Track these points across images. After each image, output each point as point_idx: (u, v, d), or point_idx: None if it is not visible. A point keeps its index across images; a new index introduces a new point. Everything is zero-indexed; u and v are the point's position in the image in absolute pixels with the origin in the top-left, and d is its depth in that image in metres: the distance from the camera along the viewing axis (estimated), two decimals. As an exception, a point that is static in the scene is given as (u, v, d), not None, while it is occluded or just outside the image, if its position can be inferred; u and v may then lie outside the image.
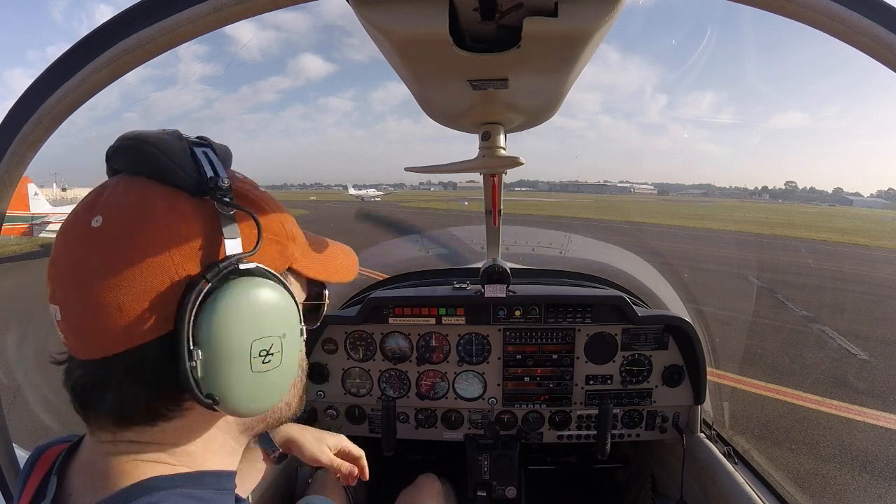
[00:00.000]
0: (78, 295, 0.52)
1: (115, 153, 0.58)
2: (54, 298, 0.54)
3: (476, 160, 1.02)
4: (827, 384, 5.77)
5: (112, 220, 0.53)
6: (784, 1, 0.50)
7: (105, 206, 0.54)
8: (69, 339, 0.55)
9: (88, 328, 0.53)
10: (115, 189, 0.55)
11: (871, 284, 13.30)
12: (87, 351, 0.54)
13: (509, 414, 2.08)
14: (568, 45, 0.59)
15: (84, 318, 0.53)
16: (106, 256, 0.52)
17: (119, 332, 0.52)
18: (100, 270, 0.52)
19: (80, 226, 0.54)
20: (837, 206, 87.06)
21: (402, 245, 4.16)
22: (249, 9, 0.54)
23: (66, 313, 0.53)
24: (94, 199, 0.55)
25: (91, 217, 0.53)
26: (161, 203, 0.54)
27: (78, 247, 0.53)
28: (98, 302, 0.51)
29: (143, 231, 0.52)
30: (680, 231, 26.43)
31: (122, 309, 0.51)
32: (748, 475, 1.79)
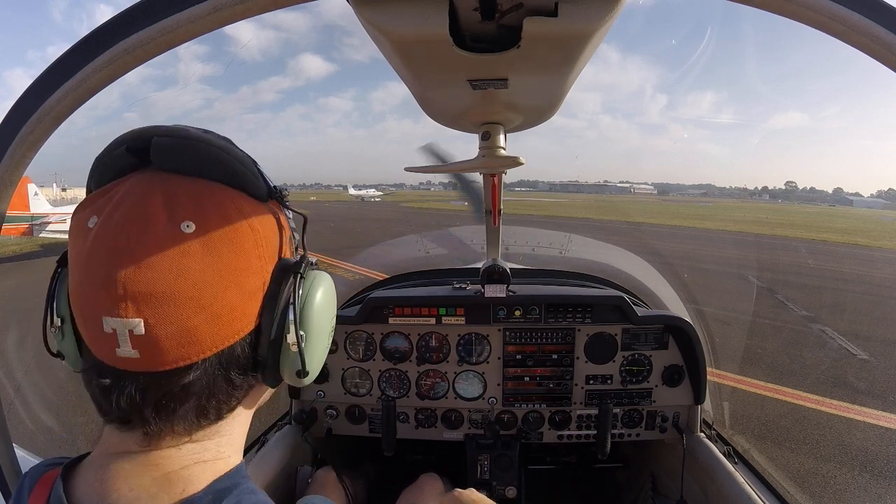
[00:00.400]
0: (178, 303, 0.51)
1: (172, 152, 0.55)
2: (135, 312, 0.50)
3: (476, 160, 1.02)
4: (827, 384, 5.77)
5: (206, 226, 0.53)
6: (784, 1, 0.50)
7: (190, 211, 0.53)
8: (145, 354, 0.51)
9: (182, 336, 0.51)
10: (193, 191, 0.54)
11: (871, 284, 13.31)
12: (170, 360, 0.52)
13: (509, 414, 2.08)
14: (568, 45, 0.59)
15: (180, 326, 0.51)
16: (209, 262, 0.52)
17: (218, 334, 0.53)
18: (205, 276, 0.52)
19: (164, 231, 0.51)
20: (837, 207, 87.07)
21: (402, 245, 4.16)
22: (249, 9, 0.54)
23: (155, 326, 0.50)
24: (167, 200, 0.53)
25: (178, 222, 0.52)
26: (244, 208, 0.57)
27: (170, 252, 0.51)
28: (204, 307, 0.52)
29: (237, 235, 0.55)
30: (680, 231, 26.43)
31: (230, 311, 0.54)
32: (748, 475, 1.79)
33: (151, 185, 0.54)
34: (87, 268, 0.52)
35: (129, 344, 0.51)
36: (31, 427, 4.25)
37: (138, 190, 0.54)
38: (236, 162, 0.57)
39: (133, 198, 0.53)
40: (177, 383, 0.53)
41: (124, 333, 0.50)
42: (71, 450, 0.75)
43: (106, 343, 0.51)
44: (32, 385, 5.08)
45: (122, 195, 0.53)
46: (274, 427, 2.12)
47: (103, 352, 0.53)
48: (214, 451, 0.60)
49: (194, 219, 0.52)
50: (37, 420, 4.42)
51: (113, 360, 0.52)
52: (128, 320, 0.50)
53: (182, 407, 0.55)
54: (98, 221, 0.52)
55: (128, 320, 0.50)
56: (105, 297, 0.50)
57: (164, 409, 0.55)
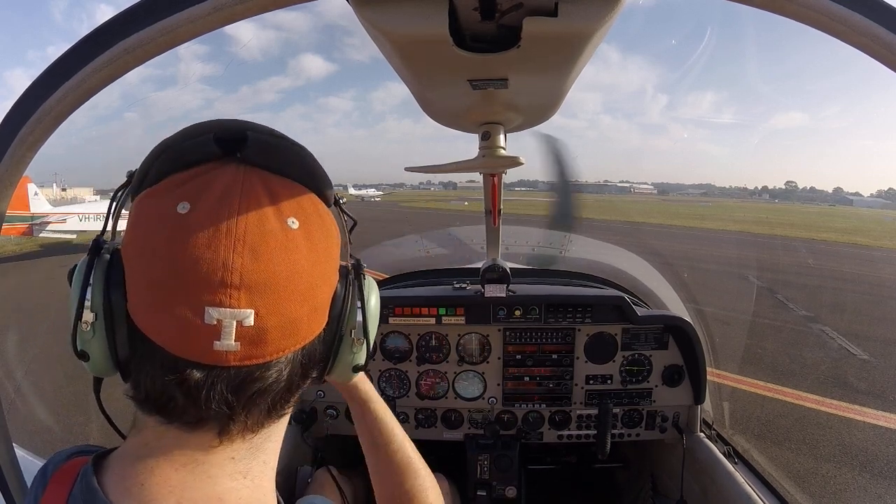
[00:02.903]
0: (288, 295, 0.51)
1: (266, 149, 0.55)
2: (248, 302, 0.49)
3: (476, 160, 1.02)
4: (827, 384, 5.77)
5: (307, 224, 0.55)
6: (784, 1, 0.50)
7: (293, 209, 0.54)
8: (247, 345, 0.49)
9: (287, 327, 0.52)
10: (289, 191, 0.56)
11: (871, 284, 13.30)
12: (270, 352, 0.51)
13: (509, 414, 2.08)
14: (568, 45, 0.59)
15: (287, 318, 0.51)
16: (313, 257, 0.54)
17: (311, 327, 0.55)
18: (310, 270, 0.53)
19: (276, 225, 0.51)
20: (837, 206, 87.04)
21: (402, 245, 4.16)
22: (249, 9, 0.54)
23: (266, 316, 0.50)
24: (271, 196, 0.53)
25: (283, 218, 0.52)
26: (326, 210, 0.60)
27: (284, 247, 0.51)
28: (308, 299, 0.53)
29: (329, 235, 0.58)
30: (680, 231, 26.42)
31: (323, 305, 0.57)
32: (748, 475, 1.79)
33: (252, 179, 0.53)
34: (185, 255, 0.48)
35: (233, 336, 0.48)
36: (31, 427, 4.25)
37: (241, 182, 0.52)
38: (315, 164, 0.60)
39: (238, 189, 0.51)
40: (268, 377, 0.53)
41: (231, 325, 0.48)
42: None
43: (204, 335, 0.48)
44: (32, 385, 5.08)
45: (224, 185, 0.52)
46: None
47: (194, 345, 0.49)
48: (261, 459, 0.59)
49: (297, 216, 0.54)
50: (37, 420, 4.42)
51: (204, 355, 0.49)
52: (239, 311, 0.48)
53: (261, 403, 0.54)
54: (193, 209, 0.50)
55: (239, 311, 0.48)
56: (214, 286, 0.48)
57: (254, 406, 0.54)
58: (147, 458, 0.54)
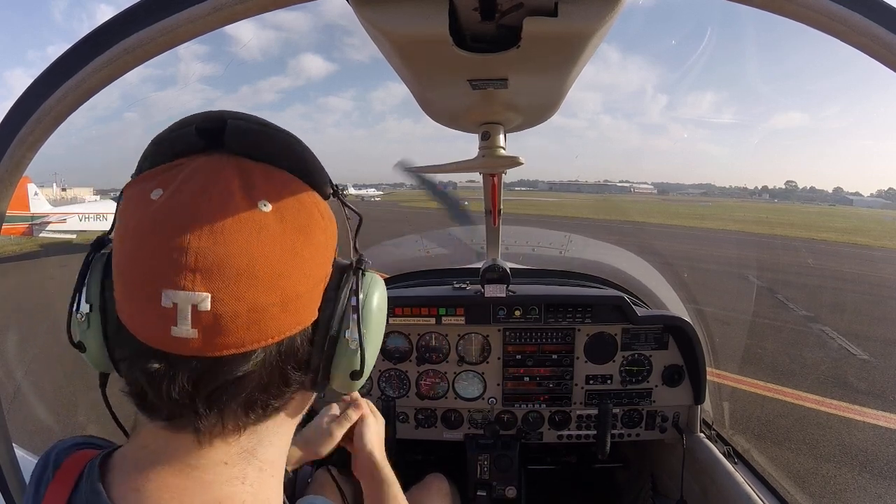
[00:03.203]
0: (250, 280, 0.47)
1: (247, 136, 0.54)
2: (204, 286, 0.46)
3: (476, 160, 1.02)
4: (827, 384, 5.77)
5: (282, 208, 0.51)
6: (784, 1, 0.50)
7: (267, 192, 0.51)
8: (204, 334, 0.47)
9: (249, 317, 0.48)
10: (267, 175, 0.53)
11: (871, 284, 13.30)
12: (231, 344, 0.48)
13: (509, 414, 2.08)
14: (568, 45, 0.59)
15: (248, 306, 0.48)
16: (285, 244, 0.50)
17: (284, 321, 0.51)
18: (280, 257, 0.49)
19: (242, 206, 0.49)
20: (837, 206, 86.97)
21: (402, 245, 4.16)
22: (249, 9, 0.54)
23: (223, 302, 0.47)
24: (243, 179, 0.51)
25: (255, 200, 0.50)
26: (315, 198, 0.56)
27: (248, 228, 0.48)
28: (275, 288, 0.49)
29: (312, 223, 0.54)
30: (680, 231, 26.42)
31: (297, 298, 0.51)
32: (748, 475, 1.79)
33: (225, 164, 0.52)
34: (149, 238, 0.48)
35: (189, 322, 0.46)
36: (31, 427, 4.25)
37: (212, 167, 0.52)
38: (307, 154, 0.58)
39: (207, 173, 0.51)
40: (232, 373, 0.49)
41: (186, 309, 0.46)
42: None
43: (161, 320, 0.46)
44: (32, 385, 5.08)
45: (193, 170, 0.51)
46: None
47: (154, 331, 0.48)
48: (257, 465, 0.58)
49: (270, 199, 0.51)
50: (37, 420, 4.42)
51: (164, 342, 0.47)
52: (193, 294, 0.46)
53: (234, 401, 0.52)
54: (165, 193, 0.49)
55: (193, 294, 0.46)
56: (169, 268, 0.46)
57: (217, 403, 0.51)
58: (144, 462, 0.54)
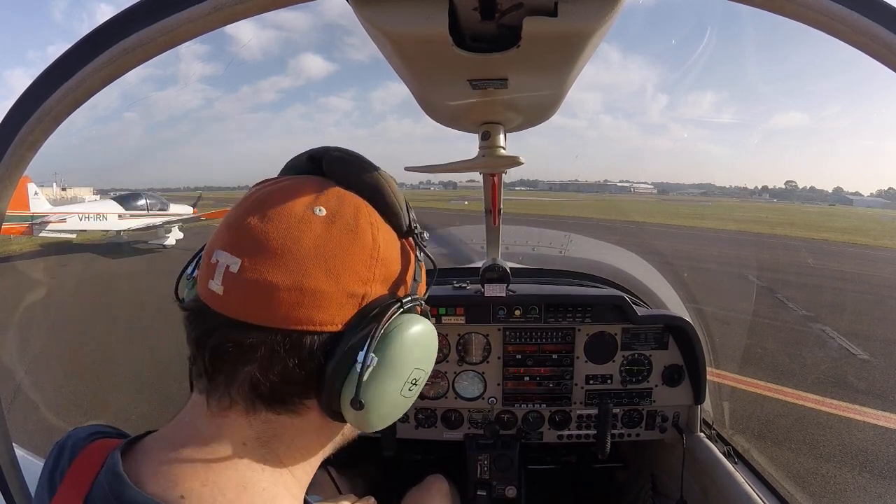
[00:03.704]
0: (276, 260, 0.54)
1: (339, 163, 0.64)
2: (239, 251, 0.55)
3: (476, 160, 1.02)
4: (827, 384, 5.77)
5: (335, 216, 0.57)
6: (784, 1, 0.50)
7: (328, 203, 0.58)
8: (227, 294, 0.54)
9: (263, 291, 0.53)
10: (341, 194, 0.60)
11: (871, 284, 13.29)
12: (241, 311, 0.54)
13: (509, 414, 2.08)
14: (568, 45, 0.59)
15: (267, 282, 0.53)
16: (323, 242, 0.56)
17: (294, 310, 0.54)
18: (310, 254, 0.55)
19: (297, 204, 0.57)
20: (837, 206, 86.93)
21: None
22: (250, 8, 0.54)
23: (248, 270, 0.54)
24: (316, 191, 0.59)
25: (313, 204, 0.57)
26: (376, 223, 0.60)
27: (296, 220, 0.56)
28: (294, 273, 0.54)
29: (358, 236, 0.58)
30: (680, 231, 26.41)
31: (314, 295, 0.55)
32: (748, 475, 1.79)
33: (311, 180, 0.62)
34: (230, 212, 0.60)
35: (221, 278, 0.55)
36: (31, 427, 4.25)
37: (300, 180, 0.62)
38: (388, 189, 0.63)
39: (292, 181, 0.61)
40: (236, 337, 0.54)
41: (222, 267, 0.55)
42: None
43: (207, 273, 0.56)
44: (32, 385, 5.08)
45: (289, 180, 0.62)
46: None
47: (202, 282, 0.58)
48: (275, 460, 0.59)
49: (328, 208, 0.58)
50: (37, 420, 4.42)
51: (203, 292, 0.57)
52: (230, 255, 0.55)
53: (237, 371, 0.56)
54: (258, 188, 0.61)
55: (230, 255, 0.55)
56: (226, 233, 0.57)
57: (220, 362, 0.56)
58: (172, 443, 0.58)
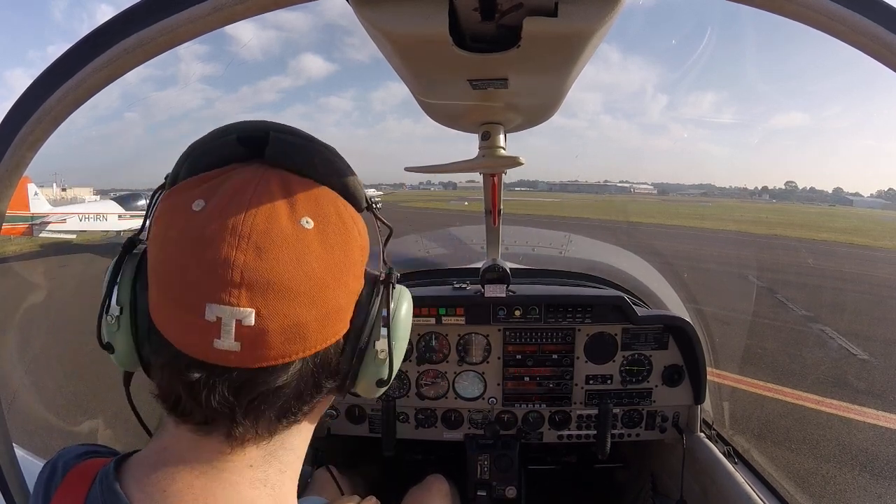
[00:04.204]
0: (294, 297, 0.49)
1: (289, 149, 0.56)
2: (249, 301, 0.47)
3: (476, 160, 1.02)
4: (827, 384, 5.77)
5: (323, 225, 0.53)
6: (784, 1, 0.50)
7: (309, 209, 0.52)
8: (248, 347, 0.48)
9: (291, 332, 0.49)
10: (310, 191, 0.54)
11: (871, 284, 13.29)
12: (272, 357, 0.49)
13: (509, 414, 2.08)
14: (568, 45, 0.59)
15: (292, 321, 0.49)
16: (327, 259, 0.52)
17: (322, 333, 0.52)
18: (321, 273, 0.51)
19: (287, 224, 0.50)
20: (837, 206, 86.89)
21: (402, 245, 4.16)
22: (250, 9, 0.54)
23: (267, 318, 0.48)
24: (287, 196, 0.52)
25: (297, 217, 0.51)
26: (352, 213, 0.58)
27: (292, 246, 0.49)
28: (317, 303, 0.51)
29: (350, 239, 0.55)
30: (680, 231, 26.41)
31: (337, 311, 0.54)
32: (748, 475, 1.79)
33: (269, 178, 0.53)
34: (193, 250, 0.48)
35: (233, 335, 0.47)
36: (31, 427, 4.25)
37: (256, 181, 0.52)
38: (346, 169, 0.59)
39: (252, 188, 0.51)
40: (272, 383, 0.51)
41: (230, 323, 0.47)
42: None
43: (204, 333, 0.48)
44: (32, 385, 5.08)
45: (238, 184, 0.52)
46: None
47: (196, 343, 0.49)
48: (277, 467, 0.59)
49: (313, 216, 0.52)
50: (37, 420, 4.42)
51: (205, 353, 0.48)
52: (238, 309, 0.47)
53: (271, 409, 0.53)
54: (207, 206, 0.50)
55: (238, 309, 0.47)
56: (215, 282, 0.47)
57: (255, 411, 0.52)
58: (167, 464, 0.54)
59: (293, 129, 0.57)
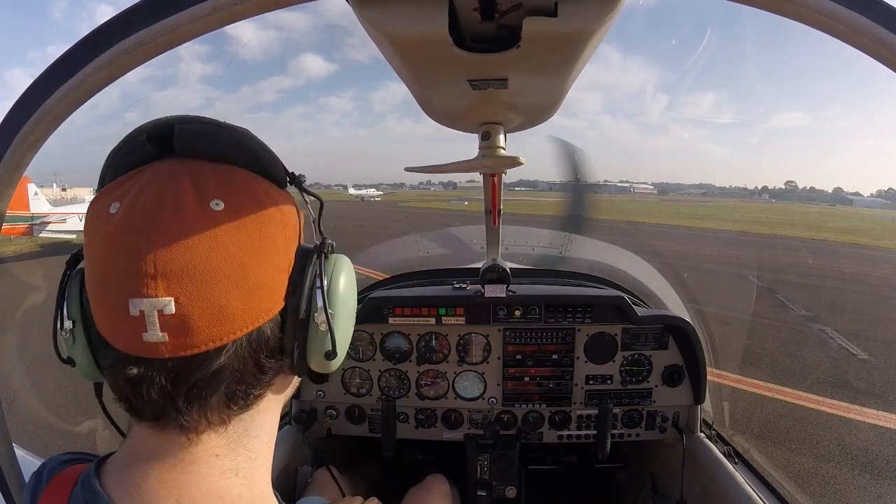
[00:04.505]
0: (210, 279, 0.50)
1: (196, 137, 0.56)
2: (166, 290, 0.48)
3: (476, 160, 1.02)
4: (827, 384, 5.77)
5: (235, 204, 0.53)
6: (784, 1, 0.50)
7: (219, 191, 0.53)
8: (175, 336, 0.49)
9: (215, 314, 0.50)
10: (219, 174, 0.55)
11: (871, 284, 13.30)
12: (201, 342, 0.50)
13: (509, 414, 2.08)
14: (568, 45, 0.58)
15: (212, 304, 0.50)
16: (241, 238, 0.52)
17: (249, 313, 0.52)
18: (237, 252, 0.51)
19: (194, 209, 0.51)
20: (837, 206, 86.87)
21: (402, 245, 4.16)
22: (250, 9, 0.54)
23: (187, 304, 0.49)
24: (195, 182, 0.53)
25: (207, 201, 0.51)
26: (269, 190, 0.58)
27: (202, 230, 0.50)
28: (236, 283, 0.51)
29: (266, 215, 0.55)
30: (680, 231, 26.40)
31: (261, 288, 0.53)
32: (748, 475, 1.79)
33: (176, 169, 0.54)
34: (111, 251, 0.50)
35: (158, 326, 0.49)
36: (31, 427, 4.25)
37: (164, 174, 0.53)
38: (259, 147, 0.59)
39: (160, 181, 0.52)
40: (207, 368, 0.52)
41: (153, 315, 0.48)
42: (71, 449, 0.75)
43: (132, 328, 0.49)
44: (32, 385, 5.08)
45: (147, 180, 0.53)
46: None
47: (128, 339, 0.50)
48: (246, 455, 0.59)
49: (223, 198, 0.52)
50: (37, 420, 4.42)
51: (139, 348, 0.50)
52: (157, 299, 0.48)
53: (214, 395, 0.54)
54: (121, 206, 0.51)
55: (157, 299, 0.48)
56: (133, 278, 0.48)
57: (197, 399, 0.53)
58: (138, 462, 0.56)
59: (200, 118, 0.58)
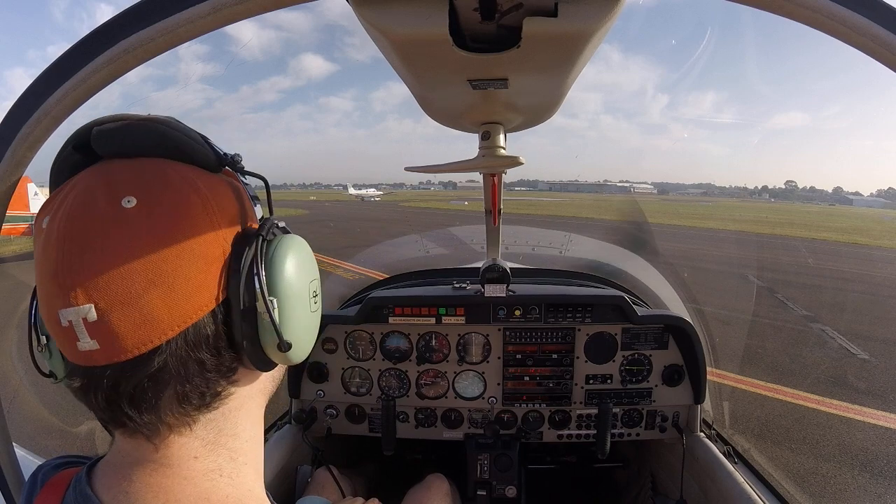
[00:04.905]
0: (126, 280, 0.48)
1: (111, 137, 0.55)
2: (85, 297, 0.48)
3: (476, 160, 1.02)
4: (827, 384, 5.77)
5: (148, 198, 0.51)
6: (784, 1, 0.50)
7: (131, 187, 0.51)
8: (104, 343, 0.48)
9: (138, 317, 0.48)
10: (134, 169, 0.53)
11: (871, 284, 13.30)
12: (131, 346, 0.49)
13: (509, 413, 2.08)
14: (568, 45, 0.59)
15: (133, 306, 0.48)
16: (157, 232, 0.50)
17: (176, 310, 0.50)
18: (152, 248, 0.49)
19: (104, 210, 0.49)
20: (837, 206, 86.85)
21: (402, 245, 4.16)
22: (250, 9, 0.54)
23: (107, 310, 0.48)
24: (107, 182, 0.52)
25: (118, 199, 0.50)
26: (188, 175, 0.55)
27: (113, 230, 0.49)
28: (156, 281, 0.49)
29: (183, 203, 0.52)
30: (680, 231, 26.40)
31: (186, 283, 0.51)
32: (748, 475, 1.79)
33: (94, 173, 0.54)
34: (41, 266, 0.50)
35: (87, 334, 0.48)
36: (31, 427, 4.25)
37: (84, 181, 0.53)
38: (178, 134, 0.56)
39: (79, 188, 0.52)
40: (144, 372, 0.50)
41: (79, 323, 0.48)
42: (72, 450, 0.75)
43: (67, 339, 0.49)
44: (32, 385, 5.09)
45: (69, 189, 0.53)
46: (273, 427, 2.12)
47: (69, 351, 0.50)
48: (227, 455, 0.58)
49: (135, 193, 0.50)
50: (37, 420, 4.42)
51: (76, 357, 0.50)
52: (80, 307, 0.48)
53: (161, 398, 0.52)
54: (49, 219, 0.51)
55: (80, 307, 0.48)
56: (58, 289, 0.48)
57: (142, 402, 0.51)
58: (122, 466, 0.56)
59: (117, 116, 0.56)
